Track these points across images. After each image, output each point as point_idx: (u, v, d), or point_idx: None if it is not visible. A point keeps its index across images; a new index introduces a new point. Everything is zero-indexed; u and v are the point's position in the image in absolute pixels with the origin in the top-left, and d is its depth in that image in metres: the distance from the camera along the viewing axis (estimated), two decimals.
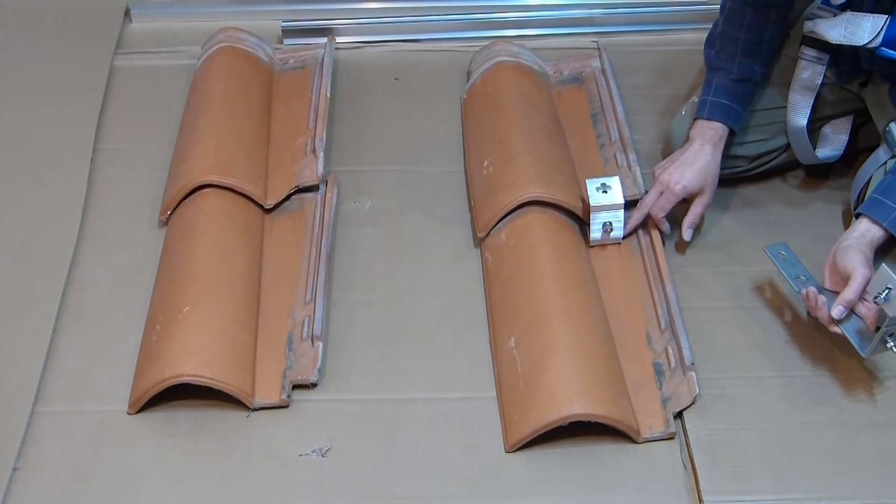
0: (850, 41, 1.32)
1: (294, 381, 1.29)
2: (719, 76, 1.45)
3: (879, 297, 1.19)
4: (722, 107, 1.43)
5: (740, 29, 1.44)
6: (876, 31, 1.30)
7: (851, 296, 1.21)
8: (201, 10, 1.93)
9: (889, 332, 1.19)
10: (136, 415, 1.27)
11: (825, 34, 1.35)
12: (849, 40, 1.32)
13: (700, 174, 1.41)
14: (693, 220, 1.43)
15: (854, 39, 1.32)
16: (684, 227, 1.43)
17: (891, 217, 1.26)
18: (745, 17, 1.43)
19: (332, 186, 1.55)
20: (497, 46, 1.75)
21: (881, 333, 1.19)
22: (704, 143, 1.42)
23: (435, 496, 1.20)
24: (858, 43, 1.32)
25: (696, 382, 1.26)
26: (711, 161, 1.42)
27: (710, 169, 1.42)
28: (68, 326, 1.38)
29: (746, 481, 1.20)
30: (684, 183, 1.41)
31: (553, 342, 1.27)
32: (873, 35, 1.30)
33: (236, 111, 1.61)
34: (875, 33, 1.30)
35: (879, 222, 1.26)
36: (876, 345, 1.21)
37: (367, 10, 1.93)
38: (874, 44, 1.30)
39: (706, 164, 1.42)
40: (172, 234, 1.46)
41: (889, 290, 1.18)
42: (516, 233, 1.43)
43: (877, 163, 1.39)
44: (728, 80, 1.44)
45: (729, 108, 1.44)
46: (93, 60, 1.81)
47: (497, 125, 1.59)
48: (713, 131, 1.43)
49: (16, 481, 1.20)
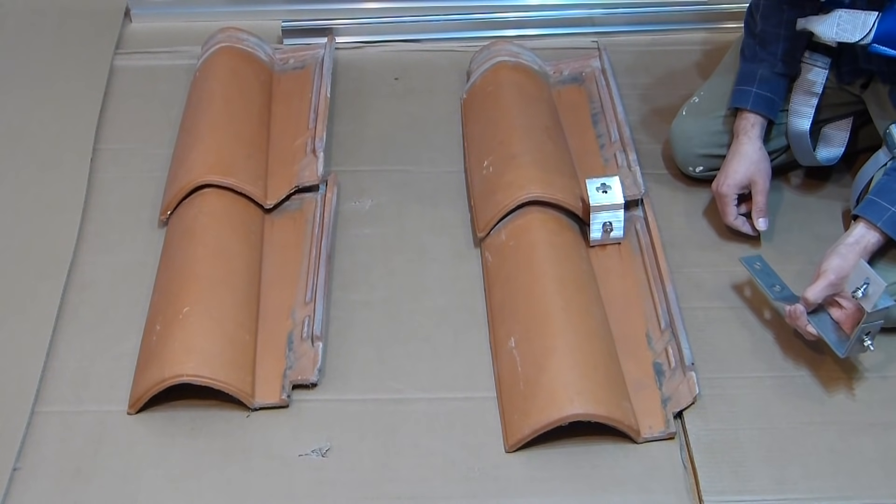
0: (842, 38, 1.32)
1: (294, 381, 1.29)
2: (763, 68, 1.46)
3: (857, 291, 1.20)
4: (765, 99, 1.45)
5: (780, 25, 1.44)
6: (868, 28, 1.29)
7: (809, 295, 1.24)
8: (201, 10, 1.93)
9: (865, 329, 1.21)
10: (136, 415, 1.27)
11: (817, 31, 1.34)
12: (841, 37, 1.32)
13: (743, 166, 1.43)
14: (759, 210, 1.45)
15: (846, 36, 1.31)
16: (758, 218, 1.45)
17: (885, 216, 1.27)
18: (782, 12, 1.44)
19: (332, 186, 1.55)
20: (497, 46, 1.75)
21: (858, 331, 1.20)
22: (746, 136, 1.45)
23: (435, 496, 1.20)
24: (850, 40, 1.31)
25: (696, 382, 1.26)
26: (752, 150, 1.44)
27: (753, 159, 1.44)
28: (68, 326, 1.38)
29: (746, 481, 1.20)
30: (729, 182, 1.43)
31: (553, 342, 1.27)
32: (865, 32, 1.30)
33: (236, 111, 1.61)
34: (867, 30, 1.30)
35: (874, 223, 1.27)
36: (853, 343, 1.22)
37: (367, 10, 1.93)
38: (866, 40, 1.30)
39: (747, 155, 1.44)
40: (172, 234, 1.46)
41: (866, 286, 1.19)
42: (516, 233, 1.43)
43: (877, 164, 1.39)
44: (772, 73, 1.45)
45: (772, 101, 1.45)
46: (93, 60, 1.81)
47: (497, 125, 1.59)
48: (756, 124, 1.45)
49: (16, 481, 1.20)
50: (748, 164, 1.44)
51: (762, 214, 1.45)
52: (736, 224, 1.47)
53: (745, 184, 1.44)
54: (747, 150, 1.44)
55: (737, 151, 1.45)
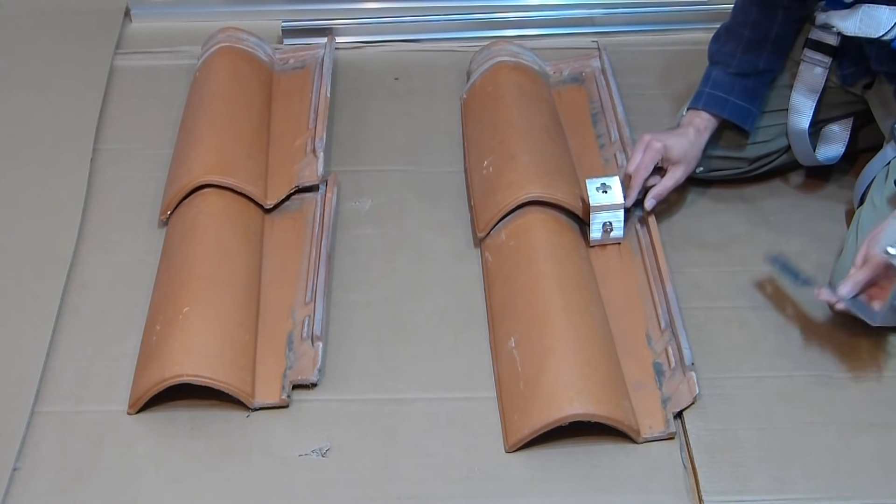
0: (864, 33, 1.31)
1: (294, 381, 1.29)
2: (717, 69, 1.47)
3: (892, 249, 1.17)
4: (717, 98, 1.45)
5: (745, 26, 1.44)
6: (891, 24, 1.28)
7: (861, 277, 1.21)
8: (201, 10, 1.93)
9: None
10: (136, 415, 1.27)
11: (839, 26, 1.34)
12: (864, 32, 1.31)
13: (682, 146, 1.44)
14: (660, 192, 1.45)
15: (869, 32, 1.30)
16: (649, 196, 1.45)
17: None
18: (750, 14, 1.44)
19: (332, 186, 1.55)
20: (497, 46, 1.75)
21: (893, 296, 1.18)
22: (697, 131, 1.45)
23: (435, 496, 1.20)
24: (873, 35, 1.30)
25: (696, 382, 1.26)
26: (695, 142, 1.45)
27: (691, 148, 1.45)
28: (68, 326, 1.38)
29: (746, 481, 1.20)
30: (665, 142, 1.43)
31: (553, 342, 1.27)
32: (889, 27, 1.29)
33: (236, 111, 1.61)
34: (891, 25, 1.29)
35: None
36: (886, 310, 1.20)
37: (367, 10, 1.93)
38: (889, 36, 1.29)
39: (689, 143, 1.45)
40: (172, 234, 1.46)
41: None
42: (516, 233, 1.43)
43: (883, 160, 1.38)
44: (725, 74, 1.46)
45: (724, 100, 1.45)
46: (93, 60, 1.81)
47: (497, 125, 1.59)
48: (701, 120, 1.46)
49: (16, 481, 1.20)
50: (688, 148, 1.44)
51: (657, 197, 1.45)
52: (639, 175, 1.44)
53: (672, 158, 1.44)
54: (694, 140, 1.45)
55: (685, 134, 1.45)
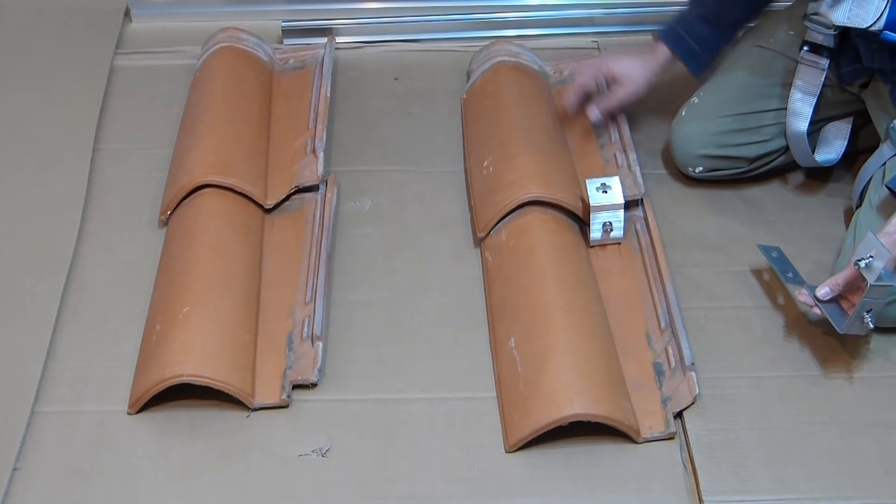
0: (854, 23, 1.31)
1: (294, 381, 1.29)
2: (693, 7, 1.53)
3: (861, 262, 1.20)
4: (676, 35, 1.52)
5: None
6: (879, 13, 1.28)
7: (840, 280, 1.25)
8: (201, 10, 1.93)
9: (867, 305, 1.20)
10: (136, 415, 1.27)
11: (829, 14, 1.34)
12: (853, 22, 1.31)
13: (631, 65, 1.53)
14: (606, 107, 1.55)
15: (858, 21, 1.30)
16: (590, 107, 1.55)
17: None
18: None
19: (332, 186, 1.55)
20: (497, 46, 1.75)
21: (859, 306, 1.20)
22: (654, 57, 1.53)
23: (435, 496, 1.20)
24: (862, 25, 1.30)
25: (696, 382, 1.26)
26: (645, 65, 1.53)
27: (639, 69, 1.53)
28: (68, 326, 1.38)
29: (746, 481, 1.20)
30: (615, 59, 1.53)
31: (553, 342, 1.27)
32: (877, 16, 1.29)
33: (236, 111, 1.61)
34: (878, 14, 1.29)
35: None
36: (853, 320, 1.22)
37: (367, 10, 1.93)
38: (877, 26, 1.29)
39: (640, 63, 1.53)
40: (172, 234, 1.46)
41: (871, 259, 1.19)
42: (516, 233, 1.43)
43: (880, 160, 1.38)
44: (695, 15, 1.52)
45: (682, 39, 1.52)
46: (93, 60, 1.81)
47: (497, 125, 1.59)
48: (658, 50, 1.53)
49: (16, 481, 1.20)
50: (635, 67, 1.53)
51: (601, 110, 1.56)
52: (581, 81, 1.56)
53: (616, 73, 1.52)
54: (644, 63, 1.53)
55: (639, 55, 1.53)
